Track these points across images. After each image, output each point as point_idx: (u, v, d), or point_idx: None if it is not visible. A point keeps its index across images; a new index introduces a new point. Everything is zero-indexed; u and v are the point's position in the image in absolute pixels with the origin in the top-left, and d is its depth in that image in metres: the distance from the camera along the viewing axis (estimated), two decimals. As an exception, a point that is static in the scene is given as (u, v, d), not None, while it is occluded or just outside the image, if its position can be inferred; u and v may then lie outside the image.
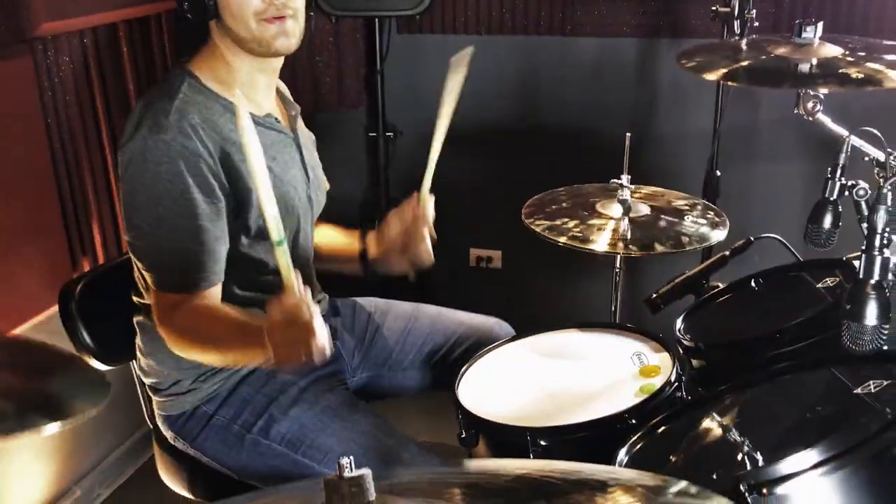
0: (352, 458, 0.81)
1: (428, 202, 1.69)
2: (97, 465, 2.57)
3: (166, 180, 1.45)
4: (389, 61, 3.05)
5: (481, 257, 3.23)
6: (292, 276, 1.29)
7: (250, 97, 1.60)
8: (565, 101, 2.99)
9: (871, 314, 1.04)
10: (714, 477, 1.00)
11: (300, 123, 1.75)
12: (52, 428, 0.76)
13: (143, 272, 1.53)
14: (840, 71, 1.59)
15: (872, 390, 1.10)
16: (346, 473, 0.80)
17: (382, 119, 3.09)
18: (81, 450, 2.51)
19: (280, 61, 1.60)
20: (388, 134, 3.12)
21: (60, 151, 2.29)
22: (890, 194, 1.09)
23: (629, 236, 1.90)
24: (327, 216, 1.87)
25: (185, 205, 1.46)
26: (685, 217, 2.00)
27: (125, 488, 2.60)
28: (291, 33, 1.52)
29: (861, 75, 1.59)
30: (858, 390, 1.11)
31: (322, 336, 1.28)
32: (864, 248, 1.06)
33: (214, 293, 1.52)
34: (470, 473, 1.10)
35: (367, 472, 0.81)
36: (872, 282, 1.04)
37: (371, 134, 3.16)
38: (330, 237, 1.88)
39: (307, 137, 1.77)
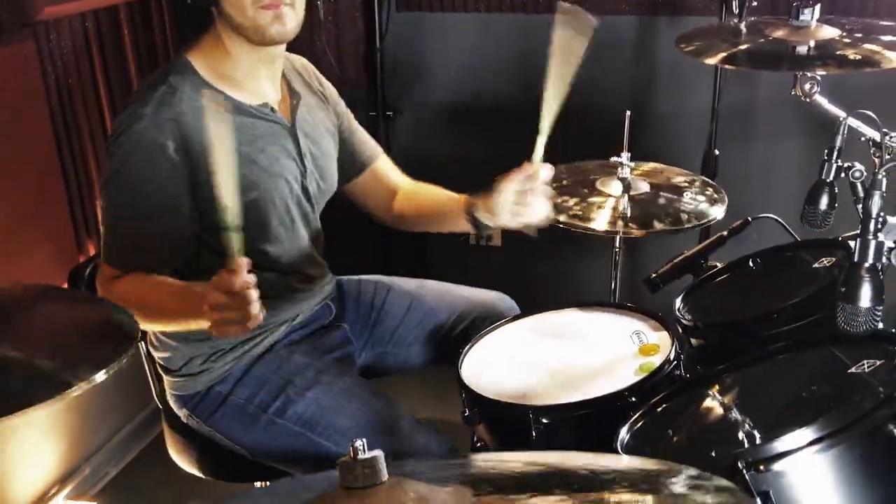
0: (365, 440, 0.84)
1: (542, 169, 1.68)
2: (105, 444, 2.61)
3: (127, 166, 1.51)
4: (388, 40, 3.05)
5: (481, 235, 3.26)
6: (242, 262, 1.30)
7: (249, 85, 1.62)
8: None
9: (866, 296, 1.07)
10: (713, 454, 1.04)
11: (304, 112, 1.73)
12: (100, 377, 0.79)
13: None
14: (838, 53, 1.62)
15: (866, 369, 1.13)
16: (360, 455, 0.84)
17: (382, 98, 3.11)
18: (89, 428, 2.55)
19: (281, 48, 1.62)
20: (388, 113, 3.13)
21: (64, 135, 2.31)
22: (885, 179, 1.12)
23: (629, 214, 1.92)
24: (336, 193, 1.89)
25: (132, 193, 1.52)
26: (684, 194, 2.02)
27: (133, 466, 2.64)
28: (288, 21, 1.53)
29: (858, 57, 1.61)
30: (853, 369, 1.15)
31: (255, 308, 1.31)
32: (859, 231, 1.09)
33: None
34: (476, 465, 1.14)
35: (379, 453, 0.85)
36: (867, 265, 1.07)
37: (371, 113, 3.17)
38: (435, 195, 1.90)
39: (311, 124, 1.76)
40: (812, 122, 2.68)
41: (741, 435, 1.10)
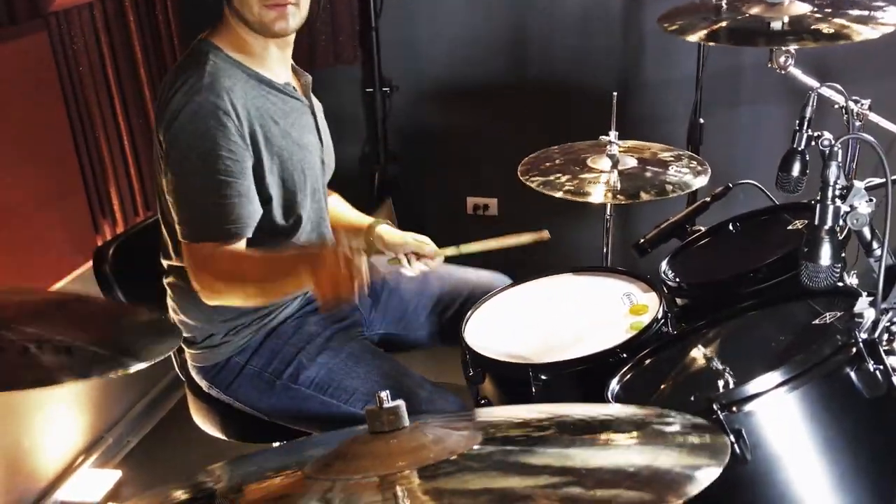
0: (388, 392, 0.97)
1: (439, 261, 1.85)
2: (126, 414, 2.73)
3: (197, 137, 1.58)
4: (383, 16, 3.12)
5: (478, 205, 3.34)
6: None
7: (267, 67, 1.71)
8: (554, 53, 3.09)
9: (826, 255, 1.19)
10: (692, 399, 1.16)
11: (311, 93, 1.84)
12: (140, 366, 0.91)
13: (177, 226, 1.64)
14: (812, 28, 1.72)
15: (828, 320, 1.26)
16: (385, 404, 0.97)
17: (379, 74, 3.19)
18: (111, 400, 2.66)
19: (291, 36, 1.72)
20: (384, 89, 3.21)
21: (78, 120, 2.41)
22: (841, 150, 1.23)
23: (618, 187, 2.04)
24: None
25: (211, 161, 1.58)
26: (670, 167, 2.14)
27: (152, 435, 2.76)
28: (291, 19, 1.63)
29: (832, 31, 1.71)
30: (817, 321, 1.27)
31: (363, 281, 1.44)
32: (818, 198, 1.21)
33: (241, 244, 1.64)
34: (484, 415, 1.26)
35: (401, 402, 0.98)
36: (826, 227, 1.19)
37: (368, 89, 3.25)
38: (344, 217, 1.99)
39: (317, 105, 1.88)
40: (791, 90, 2.77)
41: (718, 382, 1.23)
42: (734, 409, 1.11)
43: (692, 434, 0.96)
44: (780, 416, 1.14)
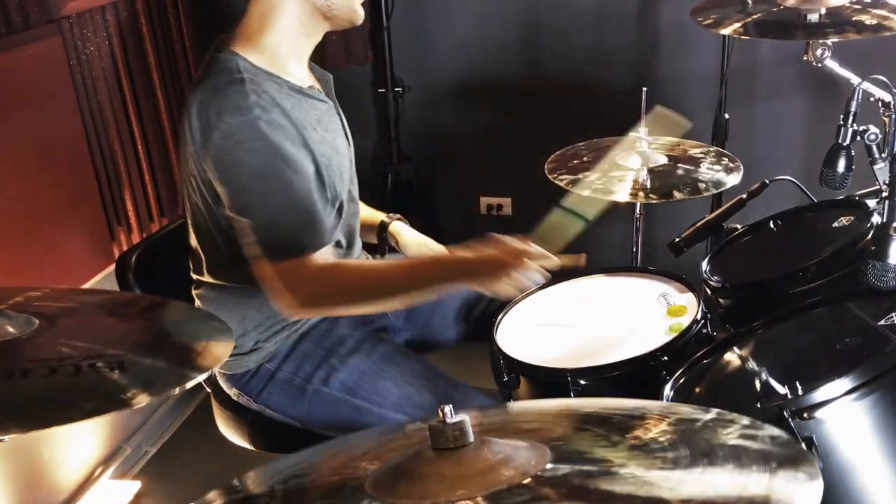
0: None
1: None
2: (143, 423, 2.70)
3: (261, 156, 1.51)
4: (394, 16, 3.09)
5: (491, 205, 3.31)
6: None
7: (292, 70, 1.65)
8: (570, 48, 3.05)
9: (894, 253, 1.15)
10: (758, 406, 1.12)
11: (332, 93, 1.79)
12: (201, 377, 0.87)
13: (254, 246, 1.56)
14: (854, 19, 1.68)
15: (894, 321, 1.22)
16: (449, 419, 0.92)
17: (391, 74, 3.15)
18: (128, 411, 2.63)
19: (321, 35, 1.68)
20: (396, 89, 3.18)
21: (92, 126, 2.37)
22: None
23: (648, 186, 1.99)
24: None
25: (283, 176, 1.53)
26: (701, 164, 2.10)
27: (171, 443, 2.72)
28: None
29: (874, 22, 1.67)
30: (882, 322, 1.23)
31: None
32: (886, 195, 1.17)
33: (327, 252, 1.59)
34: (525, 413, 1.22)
35: (466, 417, 0.93)
36: (895, 224, 1.15)
37: (380, 90, 3.21)
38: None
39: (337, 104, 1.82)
40: (815, 81, 2.74)
41: (781, 387, 1.18)
42: (805, 415, 1.07)
43: (772, 446, 0.91)
44: (850, 424, 1.10)
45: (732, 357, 1.38)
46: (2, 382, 0.78)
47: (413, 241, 1.88)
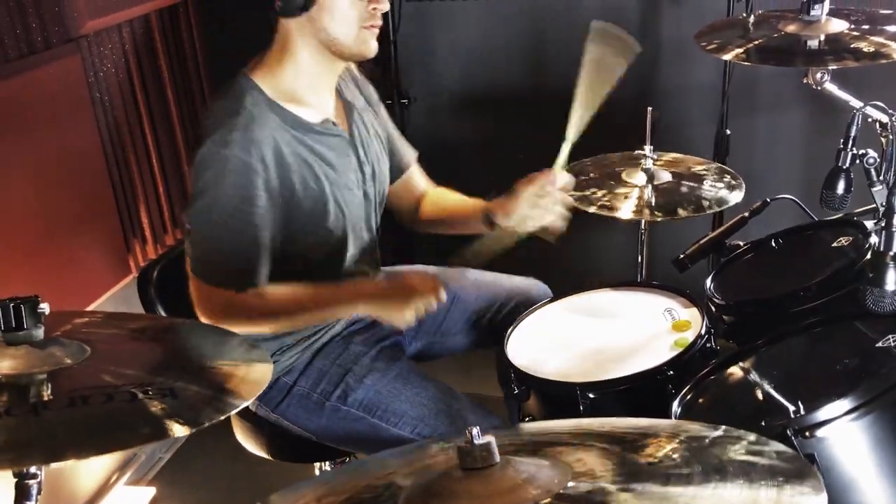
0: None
1: (561, 176, 1.78)
2: (157, 431, 2.74)
3: (222, 190, 1.58)
4: (401, 29, 3.12)
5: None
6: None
7: (311, 100, 1.70)
8: (572, 63, 3.08)
9: (891, 280, 1.21)
10: (763, 424, 1.18)
11: (358, 121, 1.81)
12: (241, 405, 0.92)
13: (188, 257, 1.65)
14: (852, 46, 1.74)
15: (892, 343, 1.28)
16: (476, 440, 0.98)
17: (397, 86, 3.19)
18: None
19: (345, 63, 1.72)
20: (402, 101, 3.22)
21: (109, 142, 2.42)
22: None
23: (653, 203, 2.05)
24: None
25: (238, 215, 1.59)
26: (704, 181, 2.15)
27: (184, 449, 2.76)
28: (375, 40, 1.65)
29: (872, 49, 1.73)
30: (880, 343, 1.29)
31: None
32: (883, 224, 1.23)
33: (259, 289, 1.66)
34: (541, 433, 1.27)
35: (492, 438, 0.99)
36: (892, 253, 1.21)
37: (387, 102, 3.25)
38: (458, 201, 1.99)
39: (370, 130, 1.85)
40: (816, 96, 2.76)
41: (784, 405, 1.24)
42: (807, 434, 1.13)
43: (778, 461, 0.97)
44: (850, 441, 1.16)
45: (736, 373, 1.44)
46: (65, 410, 0.84)
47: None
